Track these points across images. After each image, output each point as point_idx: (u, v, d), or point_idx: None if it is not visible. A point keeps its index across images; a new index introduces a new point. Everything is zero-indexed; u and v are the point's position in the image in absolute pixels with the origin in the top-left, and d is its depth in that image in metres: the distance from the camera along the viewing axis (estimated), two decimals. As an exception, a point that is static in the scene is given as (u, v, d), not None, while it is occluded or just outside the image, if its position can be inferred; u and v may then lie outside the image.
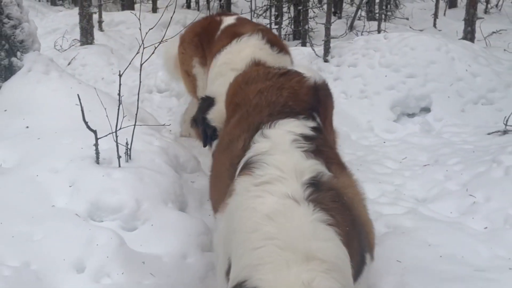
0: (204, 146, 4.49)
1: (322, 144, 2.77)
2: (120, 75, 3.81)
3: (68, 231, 3.28)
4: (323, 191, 2.25)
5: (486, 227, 3.84)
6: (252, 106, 3.14)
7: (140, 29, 4.06)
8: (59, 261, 3.05)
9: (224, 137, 3.35)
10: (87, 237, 3.21)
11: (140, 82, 4.10)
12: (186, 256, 3.44)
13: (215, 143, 4.16)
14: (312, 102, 3.18)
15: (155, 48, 4.29)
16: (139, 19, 4.36)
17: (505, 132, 5.50)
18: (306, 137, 2.70)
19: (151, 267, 3.22)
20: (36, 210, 3.46)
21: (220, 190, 2.86)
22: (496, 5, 15.93)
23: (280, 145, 2.60)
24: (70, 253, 3.11)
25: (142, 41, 4.00)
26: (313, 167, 2.43)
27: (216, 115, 4.17)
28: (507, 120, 5.55)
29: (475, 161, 4.76)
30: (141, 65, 4.04)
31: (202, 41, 5.62)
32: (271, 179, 2.30)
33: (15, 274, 2.90)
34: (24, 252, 3.09)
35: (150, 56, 4.49)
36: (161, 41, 4.49)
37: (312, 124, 2.91)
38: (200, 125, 4.44)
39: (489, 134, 5.64)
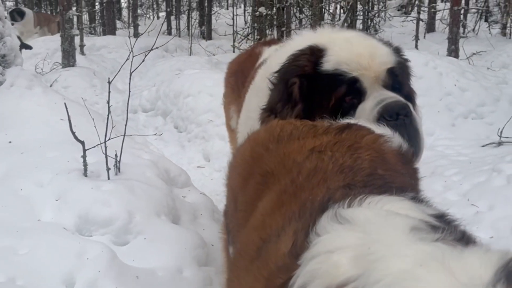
0: None
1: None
2: (109, 82, 3.65)
3: (55, 245, 3.06)
4: None
5: (492, 237, 3.72)
6: (304, 174, 1.84)
7: (129, 37, 3.92)
8: (47, 276, 2.84)
9: (248, 237, 1.83)
10: (77, 250, 3.00)
11: (129, 90, 3.93)
12: (181, 270, 3.24)
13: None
14: (408, 176, 2.02)
15: (144, 58, 4.19)
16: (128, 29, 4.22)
17: (500, 143, 5.44)
18: (433, 227, 1.28)
19: (145, 282, 3.02)
20: (21, 224, 3.24)
21: None
22: (473, 29, 16.25)
23: (389, 239, 1.20)
24: (58, 267, 2.89)
25: (131, 49, 3.86)
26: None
27: None
28: (501, 132, 5.51)
29: (474, 171, 4.67)
30: (130, 73, 3.88)
31: (238, 83, 4.12)
32: None
33: (0, 290, 2.68)
34: (9, 267, 2.87)
35: (138, 66, 4.34)
36: (150, 51, 4.37)
37: (431, 210, 1.47)
38: None
39: (483, 146, 5.58)
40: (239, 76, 4.15)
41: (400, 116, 2.49)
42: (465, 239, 1.24)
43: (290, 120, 2.37)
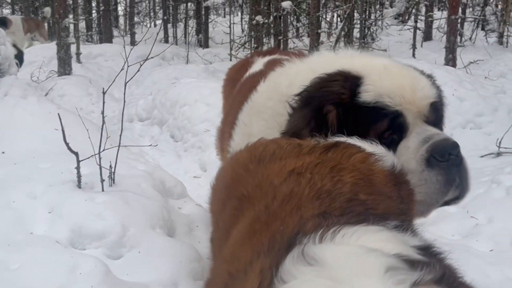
0: None
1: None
2: (103, 93, 3.60)
3: (48, 259, 2.99)
4: None
5: (491, 250, 3.66)
6: (279, 199, 1.65)
7: (123, 47, 3.87)
8: (39, 291, 2.76)
9: (217, 270, 1.73)
10: (70, 265, 2.93)
11: (124, 101, 3.88)
12: (177, 284, 3.17)
13: None
14: (398, 199, 1.85)
15: (139, 68, 4.15)
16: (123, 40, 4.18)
17: (498, 154, 5.40)
18: (412, 264, 1.15)
19: (139, 297, 2.95)
20: (13, 237, 3.16)
21: None
22: (470, 38, 16.30)
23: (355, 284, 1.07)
24: (51, 282, 2.81)
25: (127, 58, 3.80)
26: None
27: None
28: (500, 142, 5.46)
29: (473, 183, 4.58)
30: (125, 83, 3.82)
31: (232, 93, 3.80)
32: None
33: (-11, 306, 2.61)
34: (0, 282, 2.79)
35: (133, 76, 4.29)
36: (145, 60, 4.32)
37: (415, 241, 1.37)
38: None
39: (482, 157, 5.54)
40: (233, 86, 3.86)
41: (452, 156, 2.27)
42: (445, 280, 1.12)
43: (276, 139, 2.15)
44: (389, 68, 2.46)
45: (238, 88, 3.56)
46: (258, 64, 3.64)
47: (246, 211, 1.72)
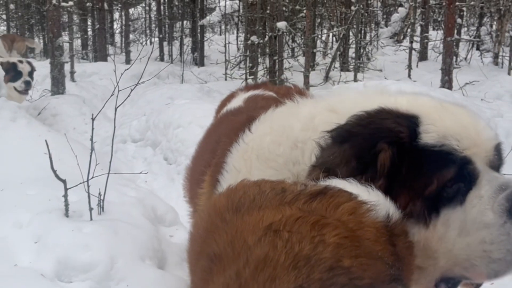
0: None
1: None
2: (92, 119, 3.50)
3: (32, 293, 2.88)
4: None
5: (492, 283, 3.55)
6: (252, 266, 1.47)
7: (115, 71, 3.79)
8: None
9: None
10: (54, 300, 2.82)
11: (114, 126, 3.79)
12: (166, 320, 3.06)
13: None
14: (392, 258, 1.63)
15: (130, 92, 4.07)
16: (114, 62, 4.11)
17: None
18: None
19: (126, 334, 2.83)
20: (-4, 270, 3.05)
21: None
22: (465, 58, 16.35)
23: None
24: (33, 319, 2.70)
25: (117, 83, 3.72)
26: None
27: None
28: (497, 168, 5.38)
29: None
30: (115, 108, 3.73)
31: None
32: None
33: None
34: (-21, 319, 2.68)
35: (124, 100, 4.20)
36: (136, 84, 4.24)
37: None
38: None
39: (479, 182, 5.44)
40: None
41: None
42: None
43: (260, 182, 1.81)
44: (446, 106, 2.11)
45: (215, 124, 3.26)
46: (238, 100, 3.33)
47: (216, 276, 1.52)
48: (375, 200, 1.69)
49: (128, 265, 3.26)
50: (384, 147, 1.93)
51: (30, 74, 9.19)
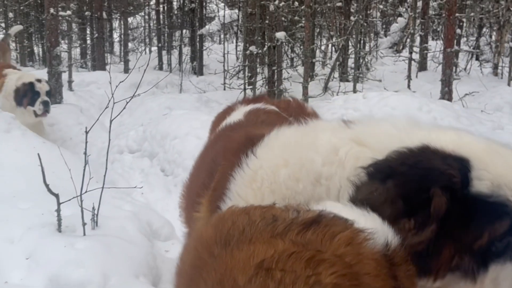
0: None
1: None
2: (86, 132, 3.43)
3: (21, 313, 2.80)
4: None
5: None
6: None
7: (110, 83, 3.72)
8: None
9: None
10: (44, 320, 2.73)
11: (109, 139, 3.72)
12: None
13: None
14: None
15: (125, 105, 4.00)
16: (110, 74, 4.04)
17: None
18: None
19: None
20: (-15, 287, 2.97)
21: None
22: (465, 69, 16.32)
23: None
24: None
25: (112, 94, 3.66)
26: None
27: None
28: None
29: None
30: (110, 121, 3.66)
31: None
32: None
33: None
34: None
35: (119, 113, 4.13)
36: (132, 97, 4.17)
37: None
38: None
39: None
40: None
41: None
42: None
43: (249, 209, 1.65)
44: (496, 149, 1.89)
45: (213, 140, 3.04)
46: (238, 114, 3.10)
47: None
48: (372, 226, 1.57)
49: (122, 283, 3.18)
50: (438, 193, 1.74)
51: (48, 94, 8.14)
